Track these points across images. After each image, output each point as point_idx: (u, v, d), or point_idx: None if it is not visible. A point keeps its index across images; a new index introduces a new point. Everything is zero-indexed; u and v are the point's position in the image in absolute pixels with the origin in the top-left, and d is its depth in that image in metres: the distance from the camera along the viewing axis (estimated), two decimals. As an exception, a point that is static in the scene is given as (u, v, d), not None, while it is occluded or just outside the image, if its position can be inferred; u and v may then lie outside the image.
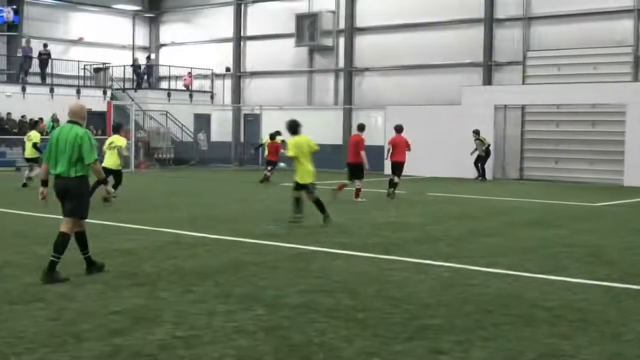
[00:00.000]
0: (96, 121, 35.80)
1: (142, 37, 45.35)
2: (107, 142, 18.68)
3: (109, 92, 39.17)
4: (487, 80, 32.53)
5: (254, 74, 40.90)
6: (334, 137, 35.55)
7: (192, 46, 43.31)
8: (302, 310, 7.56)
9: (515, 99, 30.77)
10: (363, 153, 19.74)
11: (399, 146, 21.09)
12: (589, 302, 8.17)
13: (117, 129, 19.49)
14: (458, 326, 7.03)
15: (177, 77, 42.24)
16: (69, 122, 9.43)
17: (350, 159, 20.26)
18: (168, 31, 44.93)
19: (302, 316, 7.34)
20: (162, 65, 43.75)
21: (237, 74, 41.42)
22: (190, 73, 41.44)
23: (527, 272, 9.86)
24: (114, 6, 43.06)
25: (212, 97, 42.53)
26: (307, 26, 37.08)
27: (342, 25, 36.95)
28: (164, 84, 43.25)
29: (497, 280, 9.29)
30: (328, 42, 37.27)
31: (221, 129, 40.79)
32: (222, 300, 7.95)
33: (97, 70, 40.63)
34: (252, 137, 38.68)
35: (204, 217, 15.58)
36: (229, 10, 41.42)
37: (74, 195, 9.07)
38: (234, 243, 12.14)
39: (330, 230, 13.91)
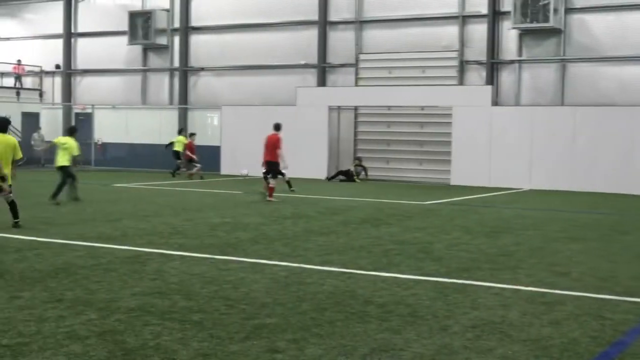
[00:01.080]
0: None
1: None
2: None
3: None
4: (322, 82, 33.08)
5: (86, 71, 39.69)
6: (169, 136, 35.03)
7: (20, 42, 41.45)
8: (137, 314, 7.43)
9: (348, 100, 31.52)
10: (280, 152, 20.51)
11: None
12: (418, 297, 8.49)
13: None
14: (294, 324, 7.13)
15: (2, 74, 40.32)
16: None
17: (267, 158, 20.78)
18: (-7, 25, 42.83)
19: (136, 319, 7.21)
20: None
21: (68, 71, 40.03)
22: (19, 61, 39.54)
23: (360, 270, 10.12)
24: None
25: (41, 95, 40.88)
26: (140, 24, 36.36)
27: (176, 24, 36.52)
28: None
29: (331, 278, 9.47)
30: (162, 40, 36.71)
31: (51, 128, 39.30)
32: (52, 305, 7.68)
33: None
34: (84, 136, 37.48)
35: (33, 220, 14.96)
36: (59, 6, 39.99)
37: None
38: (65, 246, 11.75)
39: (166, 231, 13.73)
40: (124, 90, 38.21)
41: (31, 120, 37.64)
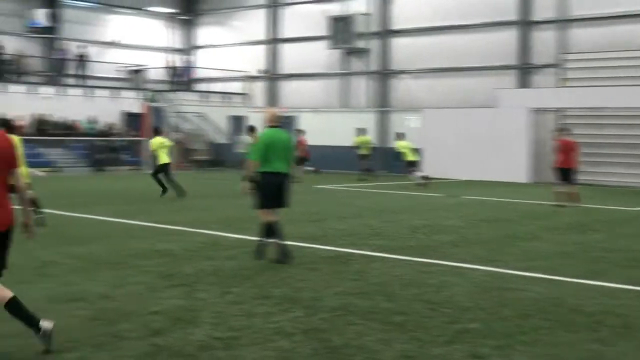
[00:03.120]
0: (133, 123, 36.16)
1: (177, 39, 45.67)
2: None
3: (147, 94, 39.49)
4: (522, 83, 32.27)
5: (289, 76, 41.00)
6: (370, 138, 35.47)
7: (228, 48, 43.51)
8: (340, 313, 7.56)
9: (551, 102, 30.46)
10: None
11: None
12: (629, 307, 8.07)
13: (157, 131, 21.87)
14: (497, 330, 6.99)
15: (213, 80, 42.41)
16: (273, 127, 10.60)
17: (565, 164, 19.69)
18: (203, 33, 45.19)
19: (340, 318, 7.34)
20: (198, 67, 43.98)
21: (272, 76, 41.54)
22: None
23: (565, 277, 9.76)
24: (149, 9, 43.39)
25: (247, 99, 42.69)
26: (341, 28, 37.09)
27: (376, 27, 36.91)
28: (200, 86, 43.48)
29: (535, 285, 9.21)
30: (362, 44, 37.24)
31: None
32: (260, 302, 7.98)
33: (133, 72, 41.01)
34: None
35: (241, 219, 15.62)
36: (263, 13, 41.57)
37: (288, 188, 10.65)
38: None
39: (366, 232, 13.90)
40: (324, 94, 39.10)
41: (237, 123, 39.29)
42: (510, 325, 7.21)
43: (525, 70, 32.39)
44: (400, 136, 28.80)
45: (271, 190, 10.58)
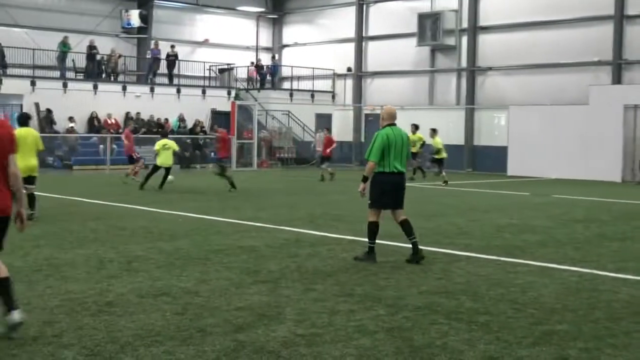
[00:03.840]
0: (221, 121, 36.68)
1: (265, 38, 46.13)
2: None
3: (232, 92, 40.02)
4: (617, 79, 31.40)
5: (376, 73, 40.91)
6: (456, 137, 35.13)
7: (314, 46, 43.72)
8: (424, 312, 7.49)
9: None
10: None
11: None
12: None
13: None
14: (586, 333, 6.81)
15: (299, 78, 42.69)
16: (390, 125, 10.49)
17: None
18: (291, 32, 45.52)
19: (423, 317, 7.27)
20: (285, 66, 44.35)
21: (359, 73, 41.53)
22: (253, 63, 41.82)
23: (659, 279, 9.46)
24: (238, 8, 43.92)
25: (333, 97, 42.82)
26: (429, 25, 36.81)
27: (464, 24, 36.49)
28: (286, 84, 43.83)
29: (627, 287, 8.94)
30: (450, 41, 36.87)
31: (342, 129, 40.92)
32: (343, 299, 7.97)
33: (221, 70, 41.61)
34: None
35: (325, 216, 15.68)
36: (351, 11, 41.59)
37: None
38: (354, 242, 12.16)
39: (452, 231, 13.75)
40: (411, 91, 38.87)
41: (323, 121, 39.47)
42: (600, 327, 7.01)
43: (619, 66, 31.48)
44: (434, 132, 28.09)
45: (388, 190, 10.32)
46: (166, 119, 36.43)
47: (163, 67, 38.93)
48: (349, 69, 41.83)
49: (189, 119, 37.44)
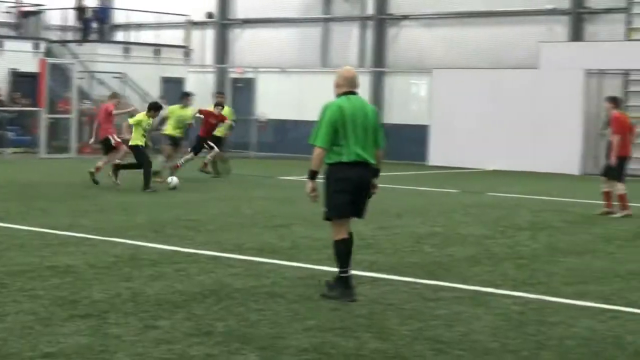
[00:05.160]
0: (25, 86, 35.86)
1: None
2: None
3: (42, 46, 39.20)
4: (576, 35, 32.37)
5: (247, 22, 40.89)
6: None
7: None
8: (312, 356, 7.56)
9: (616, 62, 30.48)
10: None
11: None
12: None
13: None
14: (531, 382, 7.03)
15: (139, 26, 42.23)
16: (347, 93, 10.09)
17: None
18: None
19: (311, 365, 7.36)
20: (119, 9, 43.79)
21: (223, 21, 41.43)
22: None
23: (628, 307, 9.82)
24: None
25: (187, 54, 42.47)
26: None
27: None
28: (120, 35, 43.31)
29: (587, 318, 9.25)
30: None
31: (200, 99, 40.71)
32: (198, 341, 7.95)
33: (25, 14, 40.74)
34: (242, 111, 38.47)
35: (175, 224, 15.58)
36: None
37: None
38: (216, 260, 12.15)
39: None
40: (297, 48, 39.03)
41: (173, 88, 39.21)
42: (550, 374, 7.25)
43: (580, 17, 32.46)
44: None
45: (348, 189, 9.79)
46: None
47: None
48: (209, 15, 41.66)
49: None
